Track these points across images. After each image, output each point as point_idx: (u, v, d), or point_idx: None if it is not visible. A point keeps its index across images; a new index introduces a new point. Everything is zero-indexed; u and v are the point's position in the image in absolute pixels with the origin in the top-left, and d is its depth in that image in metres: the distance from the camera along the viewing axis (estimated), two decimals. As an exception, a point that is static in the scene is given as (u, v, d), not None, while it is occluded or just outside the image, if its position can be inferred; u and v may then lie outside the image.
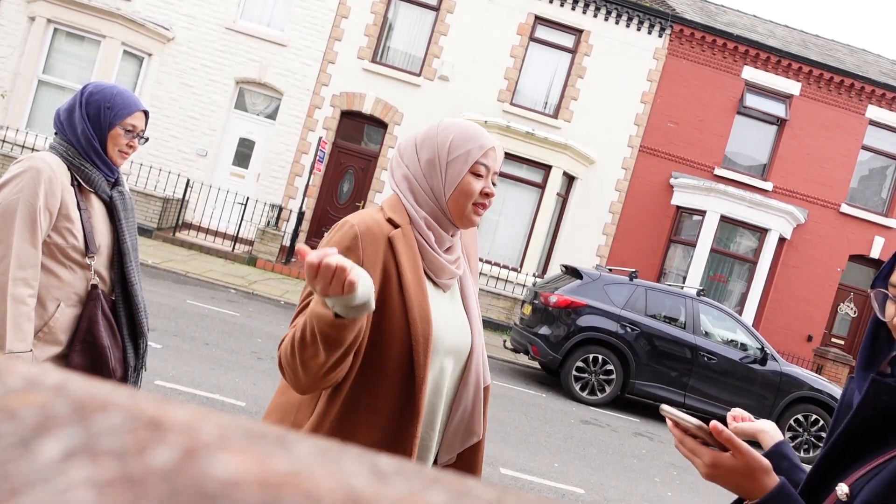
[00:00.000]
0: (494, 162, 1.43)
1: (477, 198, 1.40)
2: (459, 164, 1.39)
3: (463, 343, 1.44)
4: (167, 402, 0.22)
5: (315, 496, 0.18)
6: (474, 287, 1.57)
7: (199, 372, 5.17)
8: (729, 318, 8.35)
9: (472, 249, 1.60)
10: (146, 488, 0.17)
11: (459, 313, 1.48)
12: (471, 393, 1.47)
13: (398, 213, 1.40)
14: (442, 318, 1.40)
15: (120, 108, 1.95)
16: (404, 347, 1.32)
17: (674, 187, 13.02)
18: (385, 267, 1.33)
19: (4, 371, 0.22)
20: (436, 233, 1.42)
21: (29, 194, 1.79)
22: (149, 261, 8.97)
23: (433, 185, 1.41)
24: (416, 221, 1.40)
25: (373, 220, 1.35)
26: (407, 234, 1.37)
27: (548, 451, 5.53)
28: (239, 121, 12.89)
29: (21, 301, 1.77)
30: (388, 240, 1.34)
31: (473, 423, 1.48)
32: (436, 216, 1.42)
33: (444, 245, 1.44)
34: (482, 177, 1.41)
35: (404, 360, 1.32)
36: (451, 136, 1.41)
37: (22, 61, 11.76)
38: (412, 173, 1.42)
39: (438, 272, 1.42)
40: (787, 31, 15.55)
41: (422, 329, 1.32)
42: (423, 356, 1.31)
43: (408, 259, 1.35)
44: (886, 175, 13.71)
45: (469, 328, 1.48)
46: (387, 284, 1.32)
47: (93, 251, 1.92)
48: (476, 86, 12.83)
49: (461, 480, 0.21)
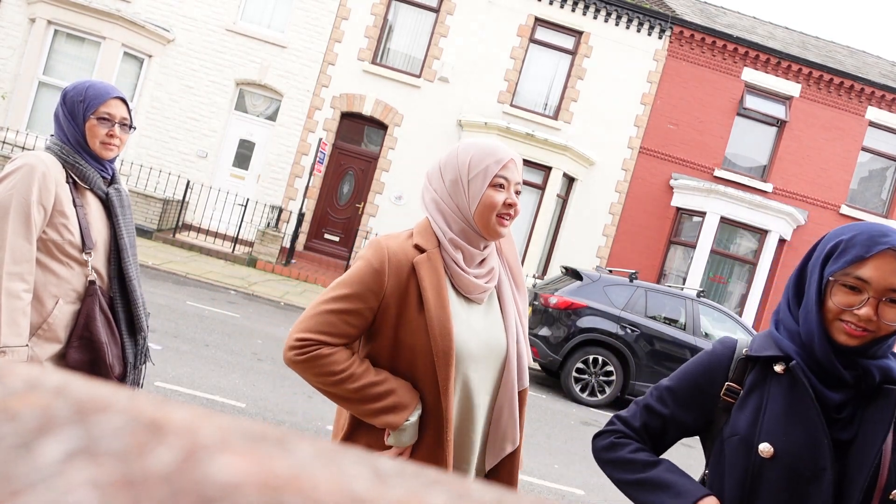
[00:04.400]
0: (514, 173, 1.52)
1: (500, 209, 1.49)
2: (479, 180, 1.48)
3: (494, 352, 1.53)
4: (167, 403, 0.22)
5: (315, 498, 0.18)
6: (516, 293, 1.65)
7: (199, 373, 5.16)
8: (729, 319, 8.35)
9: (511, 255, 1.68)
10: (146, 490, 0.17)
11: (494, 323, 1.56)
12: (506, 399, 1.54)
13: (426, 237, 1.51)
14: (470, 331, 1.49)
15: (91, 99, 1.96)
16: (429, 362, 1.43)
17: (674, 188, 13.02)
18: (407, 290, 1.45)
19: (5, 373, 0.22)
20: (465, 251, 1.51)
21: (23, 190, 1.80)
22: (149, 262, 8.97)
23: (459, 204, 1.51)
24: (444, 244, 1.50)
25: (401, 249, 1.47)
26: (433, 257, 1.48)
27: (548, 453, 5.53)
28: (239, 122, 12.89)
29: (16, 296, 1.77)
30: (412, 266, 1.46)
31: (510, 429, 1.55)
32: (465, 233, 1.51)
33: (475, 261, 1.54)
34: (503, 189, 1.49)
35: (429, 373, 1.43)
36: (470, 154, 1.50)
37: (22, 63, 11.77)
38: (440, 196, 1.53)
39: (469, 290, 1.52)
40: (787, 33, 15.56)
41: (442, 345, 1.42)
42: (445, 369, 1.42)
43: (431, 282, 1.45)
44: (886, 176, 13.71)
45: (504, 336, 1.56)
46: (408, 305, 1.44)
47: (89, 247, 1.92)
48: (476, 87, 12.83)
49: (461, 482, 0.21)
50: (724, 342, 1.41)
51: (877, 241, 1.18)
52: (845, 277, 1.20)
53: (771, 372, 1.28)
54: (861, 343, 1.20)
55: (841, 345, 1.21)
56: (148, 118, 12.40)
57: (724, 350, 1.38)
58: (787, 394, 1.24)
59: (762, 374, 1.29)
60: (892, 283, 1.16)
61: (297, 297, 9.69)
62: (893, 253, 1.17)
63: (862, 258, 1.18)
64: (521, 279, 1.68)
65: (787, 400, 1.23)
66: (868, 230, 1.22)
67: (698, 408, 1.37)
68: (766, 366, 1.30)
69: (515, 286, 1.66)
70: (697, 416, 1.37)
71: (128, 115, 2.04)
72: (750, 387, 1.29)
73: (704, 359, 1.40)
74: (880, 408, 1.21)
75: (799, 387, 1.22)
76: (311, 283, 11.18)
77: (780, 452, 1.19)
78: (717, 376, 1.35)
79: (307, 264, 12.57)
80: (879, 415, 1.20)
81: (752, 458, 1.22)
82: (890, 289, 1.17)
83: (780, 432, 1.21)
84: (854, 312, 1.18)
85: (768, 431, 1.22)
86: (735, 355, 1.36)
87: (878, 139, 13.45)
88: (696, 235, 12.60)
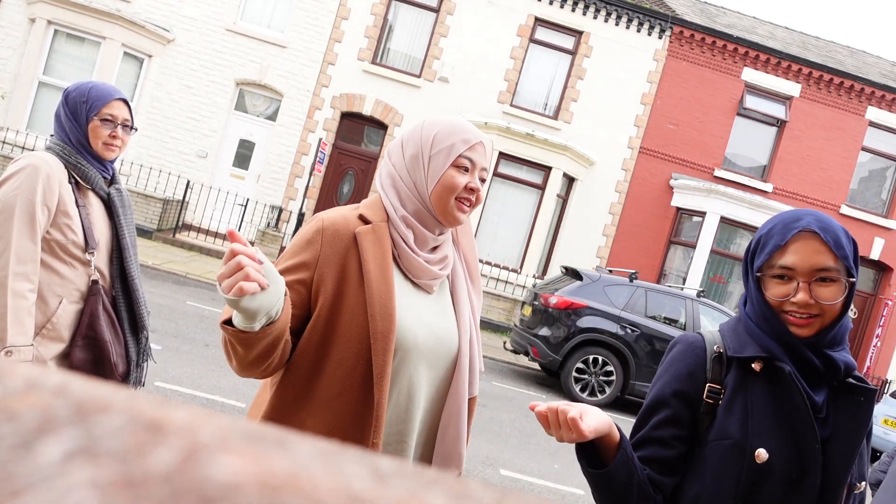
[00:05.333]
0: (481, 158, 1.36)
1: (461, 192, 1.33)
2: (442, 157, 1.33)
3: (444, 347, 1.35)
4: (167, 403, 0.22)
5: (315, 498, 0.18)
6: (471, 288, 1.49)
7: (199, 373, 5.16)
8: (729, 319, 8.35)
9: (468, 246, 1.51)
10: (146, 490, 0.17)
11: (445, 316, 1.39)
12: (454, 408, 1.35)
13: (374, 210, 1.35)
14: (418, 320, 1.32)
15: (94, 100, 1.97)
16: (363, 346, 1.25)
17: (674, 188, 13.02)
18: (345, 263, 1.28)
19: (5, 372, 0.22)
20: (416, 231, 1.35)
21: (27, 191, 1.81)
22: (149, 262, 8.97)
23: (416, 181, 1.35)
24: (394, 220, 1.34)
25: (341, 217, 1.32)
26: (378, 230, 1.31)
27: (548, 453, 5.53)
28: (239, 122, 12.90)
29: (21, 295, 1.78)
30: (354, 236, 1.30)
31: (456, 448, 1.36)
32: (419, 214, 1.35)
33: (428, 245, 1.37)
34: (467, 171, 1.34)
35: (362, 359, 1.25)
36: (435, 130, 1.35)
37: (22, 63, 11.77)
38: (397, 171, 1.38)
39: (417, 273, 1.35)
40: (787, 33, 15.57)
41: (382, 326, 1.24)
42: (383, 355, 1.24)
43: (374, 256, 1.28)
44: (886, 176, 13.71)
45: (456, 333, 1.38)
46: (345, 280, 1.27)
47: (92, 247, 1.94)
48: (476, 87, 12.84)
49: (461, 482, 0.21)
50: (688, 341, 1.33)
51: (790, 226, 1.20)
52: (771, 269, 1.21)
53: (750, 371, 1.25)
54: (814, 332, 1.19)
55: (797, 338, 1.20)
56: (148, 118, 12.40)
57: (695, 350, 1.31)
58: (771, 394, 1.22)
59: (742, 374, 1.26)
60: (815, 262, 1.17)
61: (297, 297, 9.68)
62: (808, 234, 1.18)
63: (779, 246, 1.20)
64: (476, 274, 1.51)
65: (772, 401, 1.21)
66: (782, 219, 1.23)
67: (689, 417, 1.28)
68: (743, 364, 1.26)
69: (471, 281, 1.49)
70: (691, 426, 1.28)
71: (129, 117, 2.06)
72: (733, 387, 1.25)
73: (678, 365, 1.30)
74: (851, 403, 1.20)
75: (787, 388, 1.20)
76: (311, 283, 11.17)
77: (773, 457, 1.18)
78: (697, 380, 1.28)
79: (307, 264, 12.56)
80: (852, 411, 1.19)
81: (745, 463, 1.19)
82: (815, 269, 1.17)
83: (772, 436, 1.19)
84: (791, 301, 1.18)
85: (760, 435, 1.19)
86: (708, 353, 1.30)
87: (878, 139, 13.45)
88: (696, 235, 12.60)
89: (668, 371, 1.32)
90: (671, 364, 1.33)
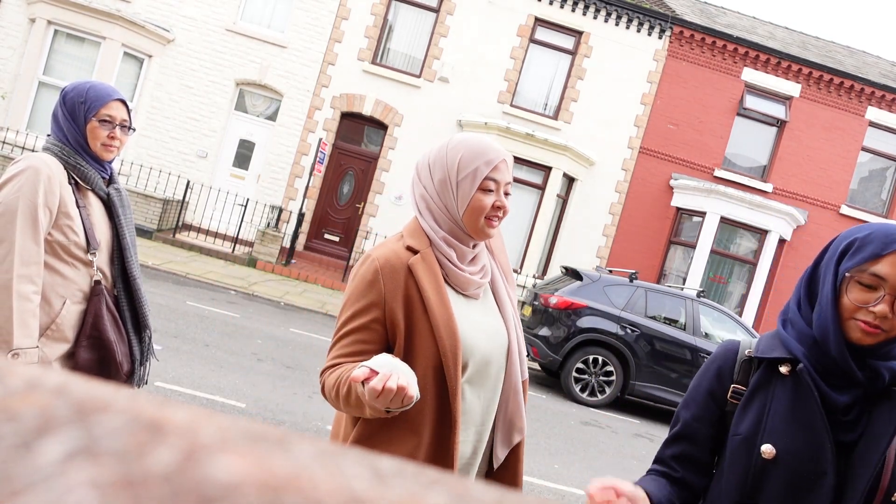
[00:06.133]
0: (505, 174, 1.48)
1: (489, 212, 1.46)
2: (468, 182, 1.45)
3: (498, 345, 1.52)
4: (167, 403, 0.22)
5: (315, 498, 0.18)
6: (509, 286, 1.64)
7: (200, 373, 5.16)
8: (729, 319, 8.35)
9: (500, 249, 1.66)
10: (146, 490, 0.17)
11: (493, 317, 1.55)
12: (511, 389, 1.54)
13: (417, 237, 1.49)
14: (473, 327, 1.47)
15: (93, 100, 1.96)
16: (436, 364, 1.40)
17: (674, 189, 13.02)
18: (407, 294, 1.42)
19: (6, 372, 0.22)
20: (457, 249, 1.49)
21: (29, 192, 1.81)
22: (149, 262, 8.97)
23: (447, 204, 1.48)
24: (436, 242, 1.48)
25: (392, 252, 1.45)
26: (427, 257, 1.46)
27: (548, 453, 5.53)
28: (239, 122, 12.90)
29: (26, 298, 1.78)
30: (408, 268, 1.43)
31: (517, 419, 1.55)
32: (454, 233, 1.49)
33: (467, 258, 1.52)
34: (492, 191, 1.47)
35: (438, 375, 1.41)
36: (459, 154, 1.46)
37: (22, 63, 11.77)
38: (429, 194, 1.50)
39: (465, 286, 1.50)
40: (787, 33, 15.57)
41: (449, 345, 1.39)
42: (454, 369, 1.39)
43: (429, 282, 1.43)
44: (886, 176, 13.71)
45: (504, 329, 1.55)
46: (412, 309, 1.42)
47: (94, 247, 1.94)
48: (476, 87, 12.84)
49: (461, 482, 0.21)
50: (725, 345, 1.41)
51: (894, 238, 1.20)
52: (861, 274, 1.21)
53: (776, 373, 1.28)
54: (875, 342, 1.20)
55: (855, 343, 1.21)
56: (148, 118, 12.40)
57: (727, 353, 1.38)
58: (792, 396, 1.24)
59: (767, 376, 1.29)
60: None
61: (297, 297, 9.69)
62: None
63: (878, 255, 1.19)
64: (509, 271, 1.67)
65: (791, 402, 1.23)
66: (884, 229, 1.24)
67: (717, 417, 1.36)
68: (771, 367, 1.30)
69: (506, 279, 1.65)
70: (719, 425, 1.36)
71: (128, 117, 2.05)
72: (754, 387, 1.29)
73: (711, 366, 1.40)
74: (887, 410, 1.21)
75: (803, 389, 1.22)
76: (311, 283, 11.18)
77: (781, 454, 1.19)
78: (724, 380, 1.35)
79: (307, 264, 12.57)
80: (886, 417, 1.20)
81: (752, 459, 1.22)
82: None
83: (783, 434, 1.21)
84: (870, 310, 1.18)
85: (771, 432, 1.22)
86: (738, 357, 1.36)
87: (878, 139, 13.45)
88: (696, 235, 12.60)
89: (701, 372, 1.41)
90: (705, 366, 1.41)
